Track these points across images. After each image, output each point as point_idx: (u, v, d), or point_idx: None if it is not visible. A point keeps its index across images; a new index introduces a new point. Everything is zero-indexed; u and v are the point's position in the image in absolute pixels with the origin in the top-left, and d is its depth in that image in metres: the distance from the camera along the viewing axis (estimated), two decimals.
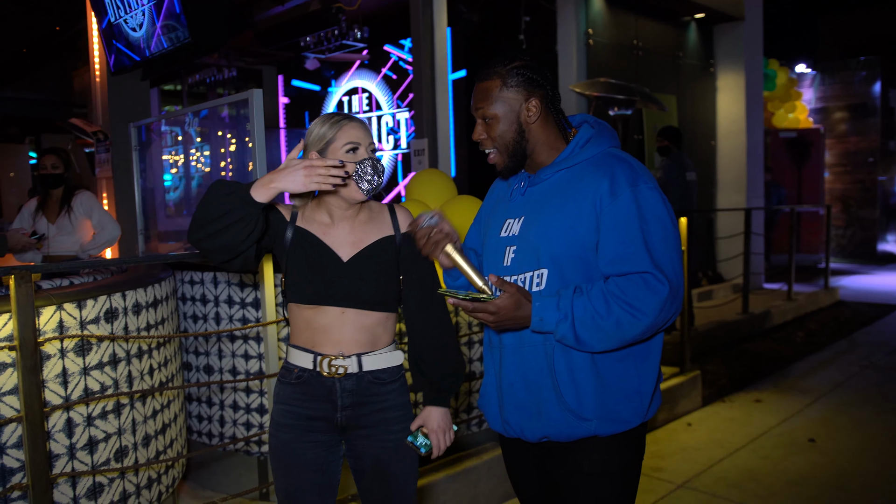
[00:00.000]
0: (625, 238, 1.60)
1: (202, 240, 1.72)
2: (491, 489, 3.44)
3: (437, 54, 5.96)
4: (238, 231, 1.70)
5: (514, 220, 1.78)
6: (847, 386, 5.45)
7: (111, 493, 2.53)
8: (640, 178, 1.64)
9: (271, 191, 1.69)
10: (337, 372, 1.88)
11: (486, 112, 1.74)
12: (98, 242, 4.47)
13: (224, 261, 1.77)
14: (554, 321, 1.59)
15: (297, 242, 1.90)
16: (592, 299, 1.58)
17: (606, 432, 1.68)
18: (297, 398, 1.92)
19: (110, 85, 6.70)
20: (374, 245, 1.93)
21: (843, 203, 13.49)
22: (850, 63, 13.46)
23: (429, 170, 3.62)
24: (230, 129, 4.49)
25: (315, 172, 1.68)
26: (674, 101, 8.58)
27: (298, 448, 1.91)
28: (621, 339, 1.60)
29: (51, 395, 2.32)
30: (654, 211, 1.62)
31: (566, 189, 1.70)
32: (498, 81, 1.73)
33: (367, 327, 1.90)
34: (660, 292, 1.57)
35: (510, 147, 1.76)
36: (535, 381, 1.71)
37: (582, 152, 1.73)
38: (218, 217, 1.68)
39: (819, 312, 8.51)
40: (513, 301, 1.60)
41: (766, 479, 3.76)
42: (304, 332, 1.91)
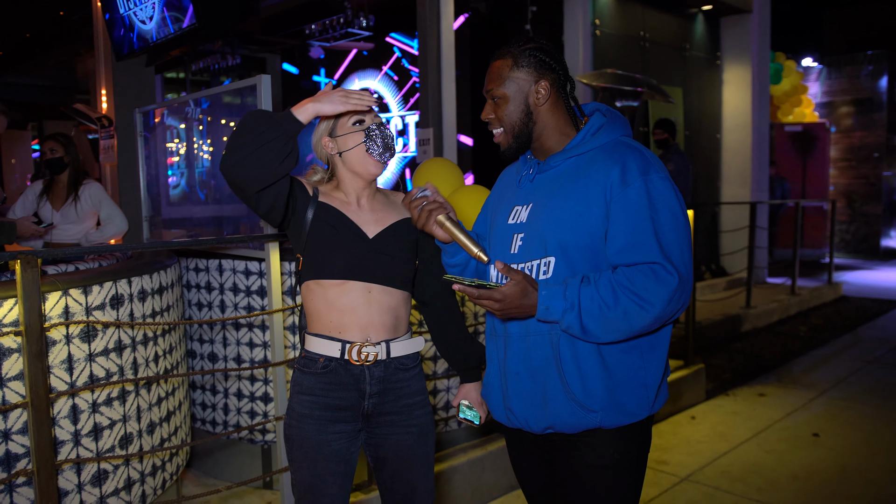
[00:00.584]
0: (634, 227, 1.58)
1: (237, 164, 1.68)
2: (495, 479, 3.44)
3: (444, 43, 5.92)
4: (272, 152, 1.67)
5: (522, 207, 1.76)
6: (851, 381, 5.44)
7: (116, 479, 2.52)
8: (651, 168, 1.62)
9: (308, 111, 1.71)
10: (367, 359, 1.88)
11: (495, 91, 1.73)
12: (105, 234, 4.44)
13: (256, 190, 1.72)
14: (560, 310, 1.57)
15: (320, 217, 1.88)
16: (600, 289, 1.56)
17: (612, 424, 1.66)
18: (323, 388, 1.89)
19: (115, 71, 6.66)
20: (396, 225, 1.95)
21: (847, 198, 13.44)
22: (857, 57, 13.38)
23: (436, 158, 3.59)
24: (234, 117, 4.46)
25: (350, 95, 1.73)
26: (680, 94, 8.54)
27: (324, 440, 1.89)
28: (628, 331, 1.57)
29: (56, 381, 2.31)
30: (665, 201, 1.60)
31: (576, 176, 1.68)
32: (510, 61, 1.72)
33: (391, 308, 1.91)
34: (669, 283, 1.54)
35: (516, 128, 1.74)
36: (541, 371, 1.69)
37: (593, 140, 1.71)
38: (255, 137, 1.66)
39: (822, 307, 8.50)
40: (519, 289, 1.57)
41: (769, 473, 3.75)
42: (327, 315, 1.88)
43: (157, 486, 2.74)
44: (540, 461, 1.85)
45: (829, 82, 13.65)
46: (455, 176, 3.19)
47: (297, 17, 7.76)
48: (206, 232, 4.11)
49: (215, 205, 3.97)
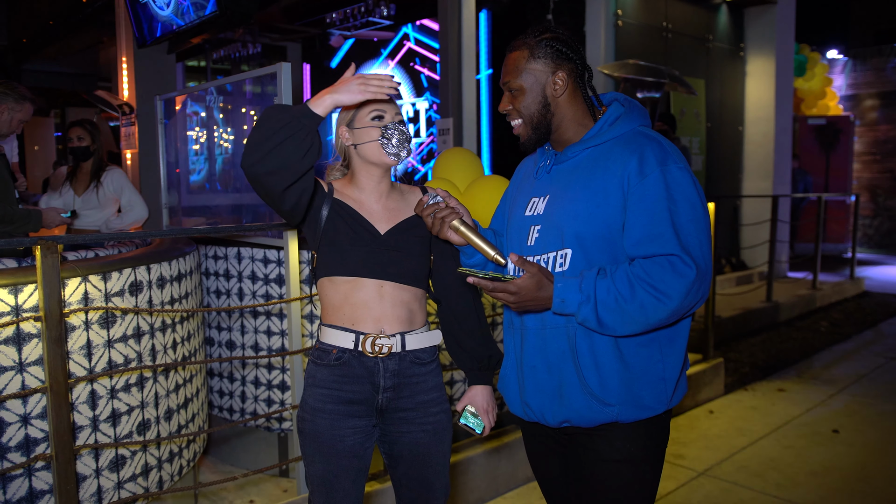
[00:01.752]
0: (652, 219, 1.55)
1: (258, 161, 1.64)
2: (511, 471, 3.43)
3: (465, 34, 5.88)
4: (295, 147, 1.64)
5: (539, 199, 1.75)
6: (872, 377, 5.36)
7: (133, 465, 2.54)
8: (669, 158, 1.60)
9: (326, 102, 1.68)
10: (381, 351, 1.85)
11: (512, 83, 1.71)
12: (125, 221, 4.47)
13: (280, 189, 1.69)
14: (576, 303, 1.55)
15: (335, 214, 1.87)
16: (616, 281, 1.54)
17: (629, 418, 1.64)
18: (336, 381, 1.87)
19: (136, 58, 6.70)
20: (408, 221, 1.93)
21: (870, 192, 13.25)
22: (884, 49, 13.16)
23: (456, 148, 3.57)
24: (254, 106, 4.46)
25: (369, 83, 1.68)
26: (702, 85, 8.44)
27: (338, 434, 1.87)
28: (645, 324, 1.55)
29: (75, 366, 2.32)
30: (683, 192, 1.57)
31: (593, 167, 1.66)
32: (526, 52, 1.70)
33: (404, 302, 1.89)
34: (686, 275, 1.52)
35: (534, 119, 1.72)
36: (557, 364, 1.67)
37: (611, 130, 1.68)
38: (274, 132, 1.63)
39: (844, 302, 8.39)
40: (534, 281, 1.55)
41: (788, 468, 3.71)
42: (341, 309, 1.87)
43: (174, 472, 2.76)
44: (555, 454, 1.84)
45: (854, 75, 13.44)
46: (475, 166, 3.17)
47: (318, 5, 7.75)
48: (225, 220, 4.13)
49: (234, 193, 3.99)
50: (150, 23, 6.21)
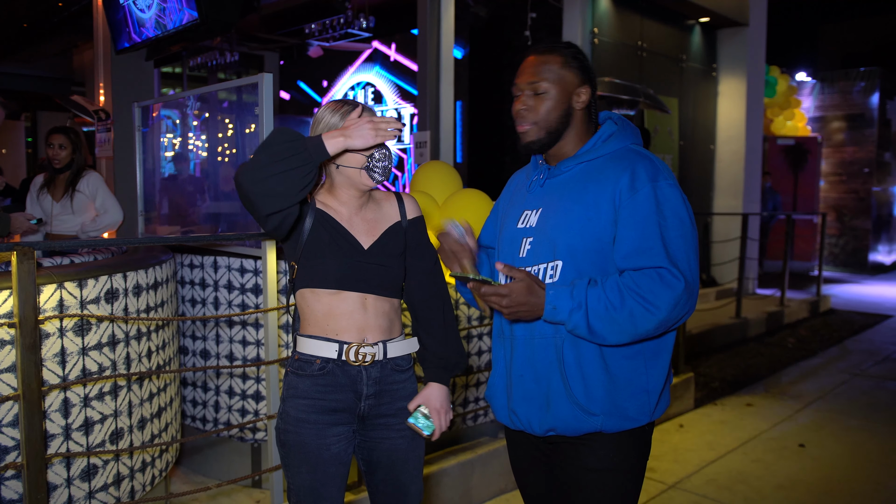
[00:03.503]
0: (642, 233, 1.60)
1: (258, 181, 1.65)
2: (485, 483, 3.44)
3: (444, 47, 5.93)
4: (296, 179, 1.65)
5: (531, 212, 1.78)
6: (837, 393, 5.48)
7: (105, 475, 2.51)
8: (660, 175, 1.65)
9: (338, 144, 1.71)
10: (364, 360, 1.88)
11: (540, 84, 1.72)
12: (99, 225, 4.42)
13: (269, 212, 1.70)
14: (567, 310, 1.58)
15: (319, 225, 1.88)
16: (607, 290, 1.58)
17: (613, 429, 1.68)
18: (320, 391, 1.88)
19: (114, 64, 6.64)
20: (388, 232, 1.96)
21: (837, 212, 13.55)
22: (850, 73, 13.51)
23: (434, 161, 3.60)
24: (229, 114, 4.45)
25: (378, 127, 1.72)
26: (675, 104, 8.59)
27: (323, 444, 1.88)
28: (634, 333, 1.59)
29: (48, 374, 2.30)
30: (672, 207, 1.62)
31: (585, 182, 1.70)
32: (560, 58, 1.72)
33: (385, 313, 1.93)
34: (675, 287, 1.56)
35: (552, 125, 1.73)
36: (545, 374, 1.71)
37: (604, 146, 1.73)
38: (283, 159, 1.64)
39: (811, 319, 8.56)
40: (524, 286, 1.59)
41: (756, 482, 3.78)
42: (323, 320, 1.88)
43: (146, 482, 2.74)
44: (540, 463, 1.87)
45: (822, 97, 13.77)
46: (452, 179, 3.20)
47: (297, 15, 7.77)
48: (202, 228, 4.11)
49: (212, 201, 3.97)
50: (129, 29, 6.17)
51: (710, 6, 8.37)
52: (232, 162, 4.41)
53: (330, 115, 1.88)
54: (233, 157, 4.45)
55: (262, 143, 1.70)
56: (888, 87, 13.37)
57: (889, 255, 14.03)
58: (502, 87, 7.76)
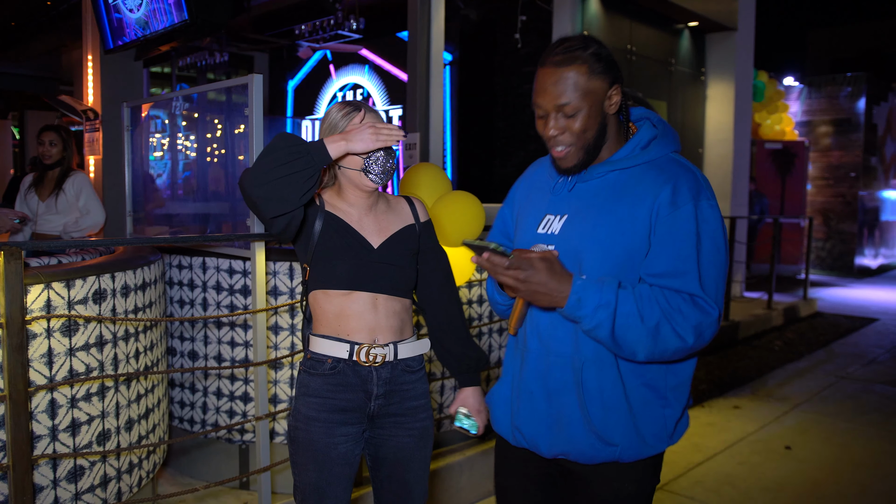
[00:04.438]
0: (679, 254, 1.48)
1: (261, 186, 1.68)
2: (472, 485, 3.45)
3: (434, 49, 5.94)
4: (299, 183, 1.69)
5: (554, 218, 1.63)
6: (824, 396, 5.52)
7: (92, 476, 2.50)
8: (702, 193, 1.52)
9: (340, 148, 1.74)
10: (375, 360, 1.90)
11: (569, 107, 1.53)
12: (81, 226, 4.40)
13: (270, 216, 1.74)
14: (593, 305, 1.45)
15: (328, 227, 1.91)
16: (638, 298, 1.46)
17: (630, 458, 1.58)
18: (330, 390, 1.91)
19: (102, 63, 6.61)
20: (399, 233, 1.99)
21: (823, 216, 13.65)
22: (837, 78, 13.62)
23: (423, 164, 3.60)
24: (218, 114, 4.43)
25: (379, 132, 1.75)
26: (664, 108, 8.63)
27: (331, 442, 1.91)
28: (652, 351, 1.47)
29: (35, 374, 2.28)
30: (711, 232, 1.51)
31: (621, 191, 1.55)
32: (584, 68, 1.52)
33: (396, 313, 1.95)
34: (707, 314, 1.48)
35: (591, 143, 1.57)
36: (558, 395, 1.59)
37: (643, 154, 1.58)
38: (285, 163, 1.67)
39: (797, 322, 8.62)
40: (547, 264, 1.45)
41: (742, 484, 3.80)
42: (335, 320, 1.91)
43: (133, 483, 2.72)
44: (539, 484, 1.74)
45: (809, 102, 13.87)
46: (442, 181, 3.20)
47: (287, 16, 7.75)
48: (191, 229, 4.09)
49: (201, 202, 3.96)
50: (118, 29, 6.14)
51: (698, 11, 8.43)
52: (221, 162, 4.40)
53: (335, 115, 1.92)
54: (221, 157, 4.44)
55: (265, 147, 1.72)
56: (874, 92, 13.50)
57: (875, 259, 14.15)
58: (492, 90, 7.78)
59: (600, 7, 7.60)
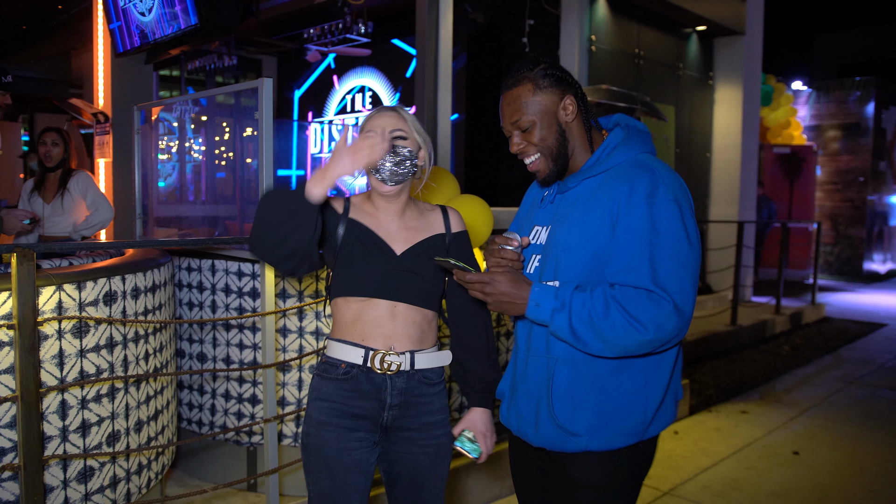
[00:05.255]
0: (632, 251, 1.56)
1: (267, 252, 1.72)
2: (480, 488, 3.45)
3: (442, 53, 5.95)
4: (301, 235, 1.69)
5: (541, 228, 1.77)
6: (832, 401, 5.50)
7: (101, 477, 2.51)
8: (658, 190, 1.58)
9: (326, 182, 1.69)
10: (389, 368, 1.85)
11: (522, 121, 1.69)
12: (91, 223, 4.42)
13: (292, 269, 1.76)
14: (549, 309, 1.56)
15: (350, 234, 1.88)
16: (593, 298, 1.54)
17: (600, 448, 1.65)
18: (343, 395, 1.87)
19: (113, 67, 6.65)
20: (426, 241, 1.93)
21: (832, 220, 13.61)
22: (846, 83, 13.59)
23: (433, 167, 3.61)
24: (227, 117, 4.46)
25: (358, 151, 1.69)
26: (672, 112, 8.63)
27: (344, 448, 1.85)
28: (616, 347, 1.54)
29: (46, 375, 2.30)
30: (669, 226, 1.56)
31: (589, 199, 1.66)
32: (530, 86, 1.68)
33: (416, 323, 1.90)
34: (662, 306, 1.52)
35: (554, 150, 1.70)
36: (535, 392, 1.71)
37: (608, 160, 1.68)
38: (278, 226, 1.68)
39: (805, 327, 8.59)
40: (508, 277, 1.59)
41: (750, 489, 3.79)
42: (353, 326, 1.88)
43: (142, 484, 2.74)
44: (535, 470, 1.87)
45: (817, 106, 13.84)
46: (451, 185, 3.21)
47: (296, 20, 7.78)
48: (199, 231, 4.11)
49: (210, 204, 3.98)
50: (129, 32, 6.18)
51: (706, 15, 8.42)
52: (229, 165, 4.42)
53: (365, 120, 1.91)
54: (230, 160, 4.46)
55: (256, 213, 1.72)
56: (883, 96, 13.46)
57: (883, 264, 14.09)
58: (499, 94, 7.79)
59: (608, 11, 7.61)
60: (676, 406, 1.79)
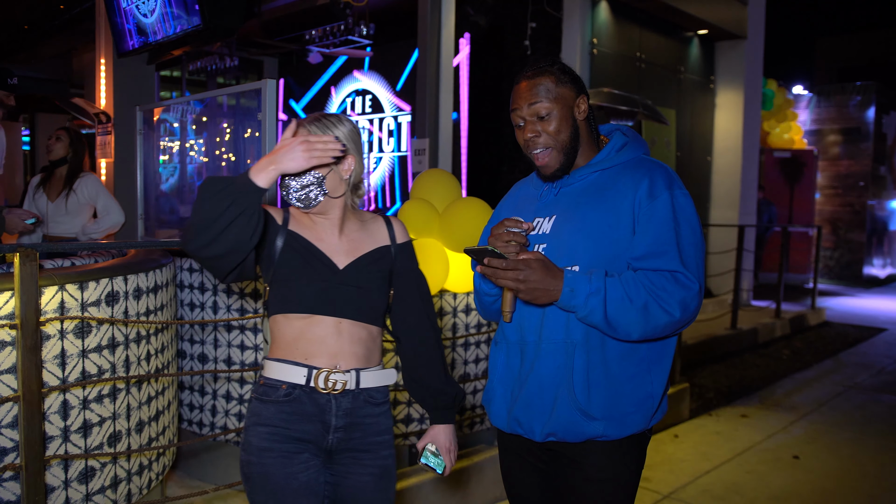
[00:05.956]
0: (658, 238, 1.64)
1: (206, 245, 1.55)
2: (481, 490, 3.45)
3: (444, 55, 5.96)
4: (243, 227, 1.54)
5: (543, 219, 1.79)
6: (831, 405, 5.50)
7: (102, 477, 2.51)
8: (675, 183, 1.71)
9: (270, 174, 1.57)
10: (335, 387, 1.74)
11: (541, 107, 1.73)
12: (102, 227, 4.39)
13: (228, 269, 1.62)
14: (585, 294, 1.60)
15: (289, 246, 1.76)
16: (624, 282, 1.61)
17: (613, 435, 1.69)
18: (284, 419, 1.74)
19: (115, 67, 6.65)
20: (370, 255, 1.84)
21: (832, 225, 13.61)
22: (846, 87, 13.60)
23: (434, 170, 3.61)
24: (228, 118, 4.46)
25: (313, 147, 1.58)
26: (673, 115, 8.63)
27: (291, 472, 1.72)
28: (644, 328, 1.61)
29: (48, 375, 2.30)
30: (686, 216, 1.68)
31: (603, 189, 1.73)
32: (552, 77, 1.74)
33: (363, 340, 1.80)
34: (689, 288, 1.61)
35: (566, 144, 1.76)
36: (551, 379, 1.71)
37: (618, 156, 1.77)
38: (219, 214, 1.52)
39: (805, 332, 8.59)
40: (542, 263, 1.60)
41: (750, 493, 3.79)
42: (294, 344, 1.75)
43: (142, 485, 2.74)
44: (535, 470, 1.86)
45: (818, 110, 13.85)
46: (452, 187, 3.22)
47: (297, 22, 7.78)
48: None
49: None
50: (132, 32, 6.19)
51: (708, 19, 8.43)
52: (230, 166, 4.42)
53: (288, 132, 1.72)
54: (231, 161, 4.47)
55: (195, 201, 1.57)
56: (884, 101, 13.46)
57: (883, 269, 14.09)
58: (501, 97, 7.79)
59: (610, 14, 7.62)
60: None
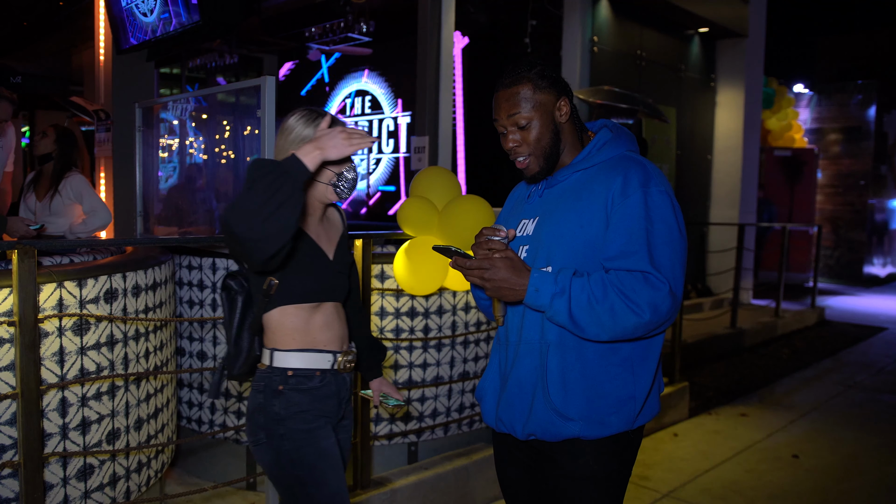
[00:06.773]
0: (629, 237, 1.61)
1: (258, 226, 1.54)
2: (481, 488, 3.44)
3: (443, 52, 5.95)
4: (290, 209, 1.57)
5: (528, 221, 1.81)
6: (831, 404, 5.49)
7: (101, 475, 2.51)
8: (651, 181, 1.66)
9: (316, 158, 1.64)
10: (349, 366, 1.96)
11: (520, 117, 1.73)
12: (89, 227, 4.35)
13: (274, 252, 1.60)
14: (549, 294, 1.59)
15: (295, 241, 1.82)
16: (591, 282, 1.59)
17: (591, 435, 1.68)
18: (315, 401, 1.92)
19: (114, 64, 6.63)
20: (341, 242, 2.04)
21: (832, 224, 13.61)
22: (847, 86, 13.58)
23: (433, 167, 3.60)
24: (227, 116, 4.45)
25: (352, 137, 1.69)
26: (674, 113, 8.62)
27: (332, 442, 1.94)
28: (613, 330, 1.58)
29: (46, 373, 2.29)
30: (661, 214, 1.63)
31: (580, 190, 1.72)
32: (529, 85, 1.73)
33: (346, 320, 2.05)
34: (658, 289, 1.57)
35: (547, 150, 1.75)
36: (528, 380, 1.72)
37: (598, 154, 1.75)
38: (272, 195, 1.55)
39: (805, 331, 8.58)
40: (507, 262, 1.61)
41: (749, 492, 3.78)
42: (310, 333, 1.91)
43: (141, 482, 2.73)
44: (523, 467, 1.87)
45: (819, 109, 13.84)
46: (452, 185, 3.20)
47: (297, 19, 7.77)
48: (200, 229, 4.11)
49: (210, 202, 3.98)
50: (131, 29, 6.17)
51: (709, 17, 8.42)
52: (230, 163, 4.42)
53: (303, 126, 1.87)
54: (230, 158, 4.46)
55: (245, 184, 1.60)
56: (885, 100, 13.45)
57: (884, 268, 14.09)
58: None
59: (610, 12, 7.61)
60: (659, 399, 1.83)
